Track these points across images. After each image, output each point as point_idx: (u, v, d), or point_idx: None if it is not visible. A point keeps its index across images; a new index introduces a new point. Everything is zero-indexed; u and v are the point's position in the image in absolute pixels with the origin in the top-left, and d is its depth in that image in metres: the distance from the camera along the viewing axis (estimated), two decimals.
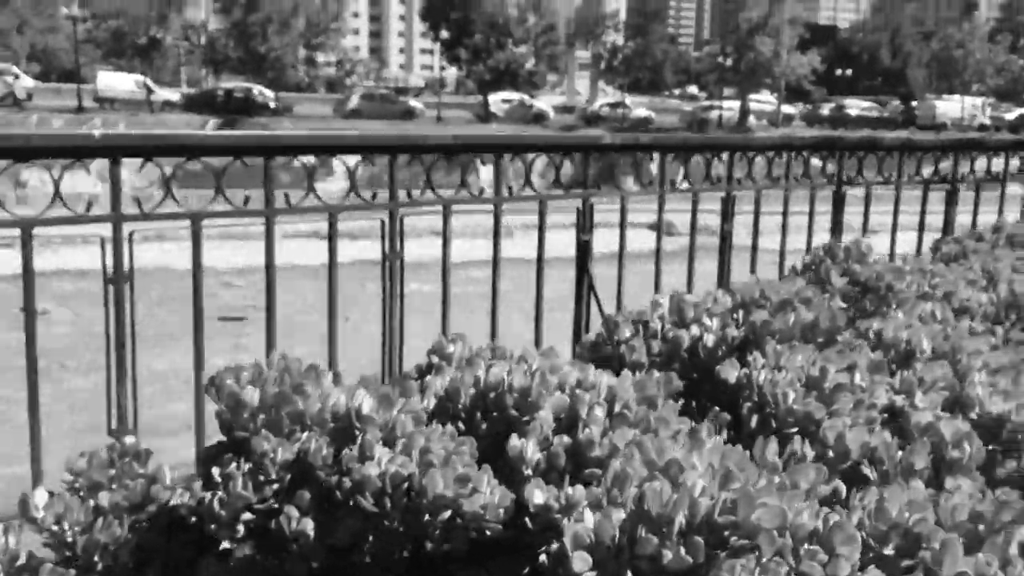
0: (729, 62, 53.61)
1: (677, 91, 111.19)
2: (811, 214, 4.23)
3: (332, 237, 3.10)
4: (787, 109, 59.83)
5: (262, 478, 1.47)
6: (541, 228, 3.43)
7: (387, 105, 52.72)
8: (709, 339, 1.82)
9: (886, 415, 1.70)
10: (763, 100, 59.30)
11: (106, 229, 2.65)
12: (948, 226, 4.63)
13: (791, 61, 51.57)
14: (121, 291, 2.70)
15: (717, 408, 1.76)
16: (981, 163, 4.77)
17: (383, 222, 3.18)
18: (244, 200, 2.87)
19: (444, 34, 50.31)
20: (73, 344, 11.45)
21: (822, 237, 3.17)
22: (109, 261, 2.67)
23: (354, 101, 51.79)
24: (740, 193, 3.94)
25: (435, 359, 1.74)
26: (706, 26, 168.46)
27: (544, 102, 66.08)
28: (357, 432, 1.49)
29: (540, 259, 3.46)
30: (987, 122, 57.51)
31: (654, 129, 54.24)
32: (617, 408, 1.54)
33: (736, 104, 55.44)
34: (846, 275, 2.67)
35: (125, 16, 44.22)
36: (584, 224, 3.49)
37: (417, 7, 52.74)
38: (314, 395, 1.56)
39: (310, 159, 3.39)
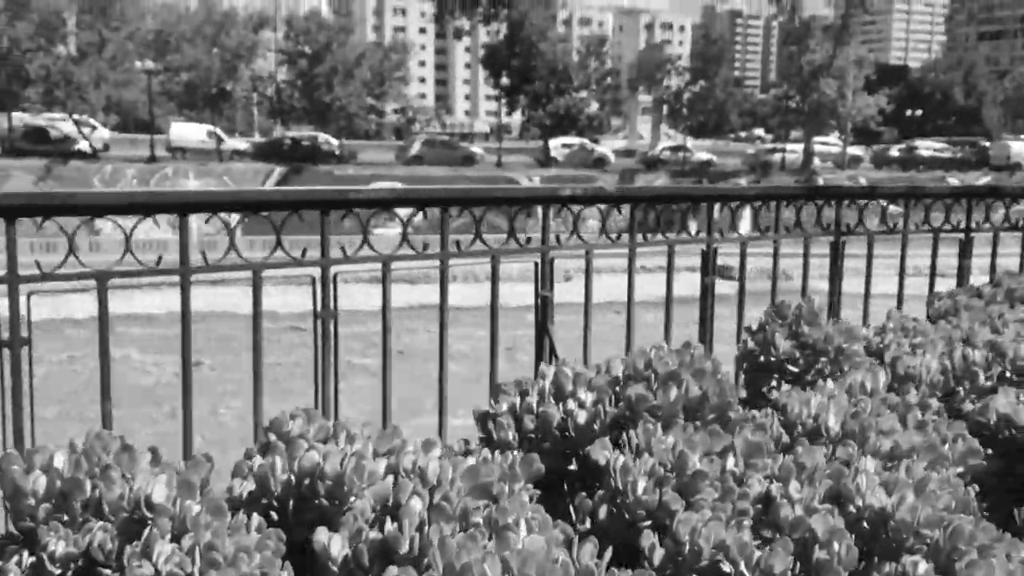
0: (792, 104, 52.94)
1: (743, 134, 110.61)
2: (832, 262, 4.03)
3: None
4: (855, 151, 58.78)
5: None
6: (494, 282, 3.30)
7: (448, 151, 53.36)
8: (580, 416, 1.67)
9: (761, 506, 1.52)
10: (830, 142, 58.38)
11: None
12: (961, 278, 4.35)
13: (857, 102, 50.70)
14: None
15: (584, 494, 1.61)
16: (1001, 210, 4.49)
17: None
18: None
19: (505, 80, 50.82)
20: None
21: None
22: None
23: (416, 147, 52.55)
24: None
25: (272, 436, 1.62)
26: (772, 68, 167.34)
27: (606, 146, 66.26)
28: (148, 523, 1.37)
29: (494, 316, 3.32)
30: None
31: (715, 172, 53.78)
32: (436, 498, 1.39)
33: (800, 147, 54.67)
34: (793, 337, 2.48)
35: (196, 69, 45.75)
36: (543, 280, 3.35)
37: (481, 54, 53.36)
38: (117, 480, 1.45)
39: None
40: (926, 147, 60.58)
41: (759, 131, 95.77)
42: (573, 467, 1.64)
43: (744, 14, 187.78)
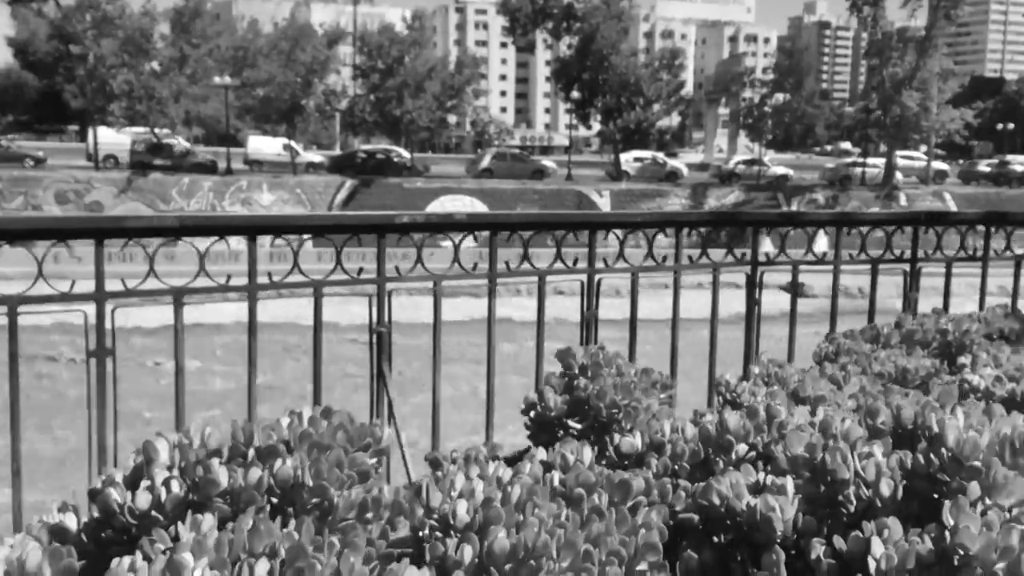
0: (875, 117, 51.26)
1: (829, 147, 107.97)
2: (748, 294, 3.68)
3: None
4: (940, 166, 56.59)
5: None
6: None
7: (518, 164, 53.32)
8: (142, 500, 1.41)
9: None
10: (915, 157, 56.32)
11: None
12: (906, 309, 3.92)
13: (941, 116, 48.76)
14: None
15: None
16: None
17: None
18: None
19: (576, 94, 50.53)
20: None
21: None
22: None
23: (486, 160, 52.67)
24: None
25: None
26: (861, 80, 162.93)
27: (682, 160, 65.31)
28: None
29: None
30: None
31: (791, 187, 52.37)
32: None
33: (883, 161, 52.90)
34: (568, 391, 2.17)
35: (272, 84, 46.75)
36: (379, 315, 3.09)
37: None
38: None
39: None
40: (1019, 162, 57.98)
41: (845, 145, 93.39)
42: None
43: (832, 25, 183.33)
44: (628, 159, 53.60)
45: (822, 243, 4.57)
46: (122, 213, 4.57)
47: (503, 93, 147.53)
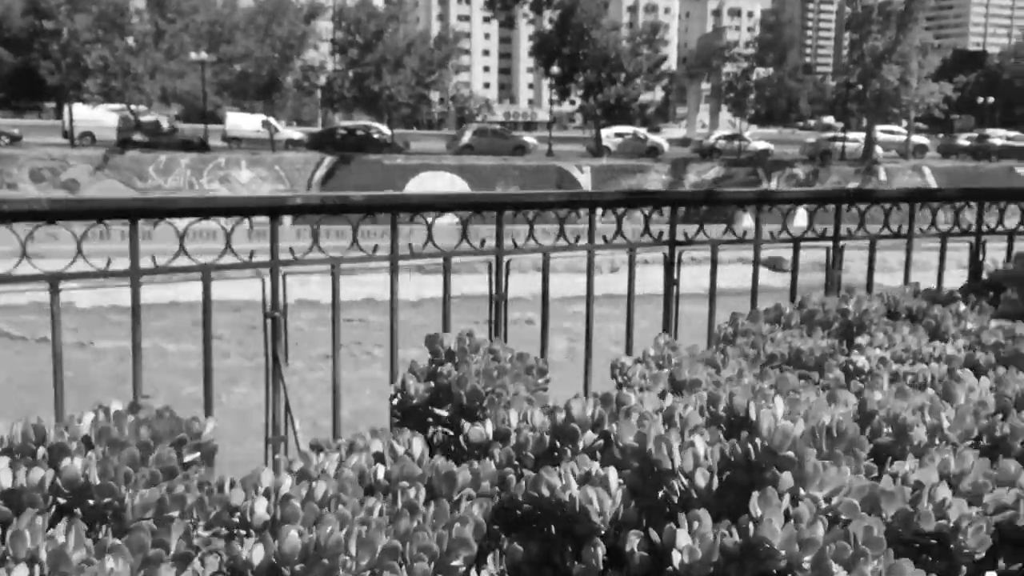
0: (855, 92, 51.25)
1: (812, 122, 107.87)
2: (666, 273, 3.65)
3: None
4: (920, 140, 56.68)
5: None
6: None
7: (499, 140, 53.06)
8: None
9: None
10: (895, 131, 56.37)
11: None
12: (829, 288, 3.91)
13: (920, 90, 48.78)
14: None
15: None
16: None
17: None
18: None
19: (556, 69, 50.24)
20: None
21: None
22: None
23: (466, 137, 52.39)
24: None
25: None
26: (845, 54, 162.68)
27: (664, 135, 65.18)
28: None
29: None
30: None
31: (772, 161, 52.37)
32: None
33: (863, 135, 52.94)
34: (432, 378, 2.13)
35: (249, 59, 46.24)
36: (274, 300, 3.04)
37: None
38: None
39: None
40: (998, 136, 58.13)
41: (828, 119, 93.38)
42: None
43: None
44: (609, 135, 53.42)
45: (801, 218, 4.55)
46: (98, 191, 4.49)
47: (486, 68, 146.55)
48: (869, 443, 1.65)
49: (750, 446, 1.48)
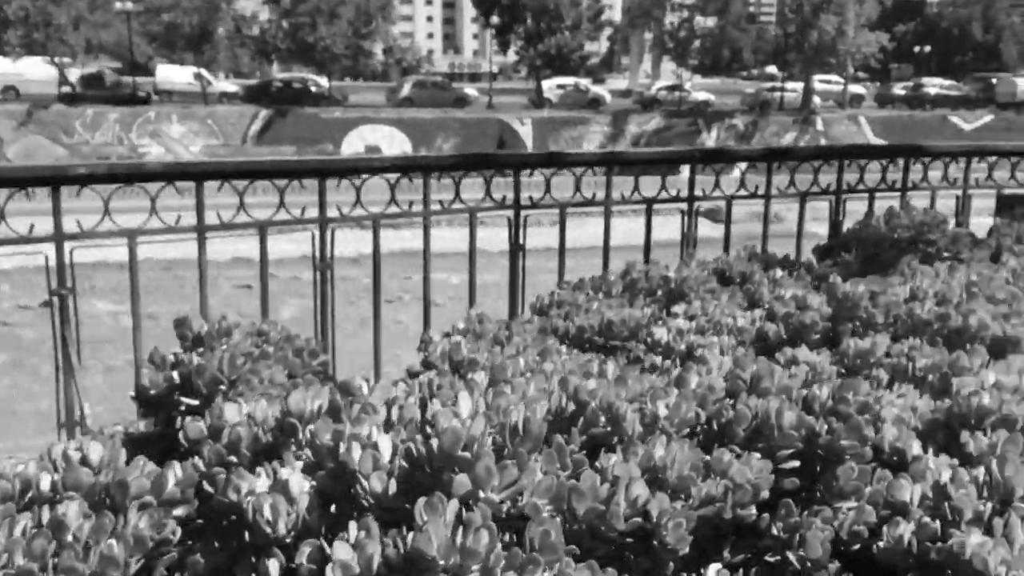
0: (793, 41, 51.43)
1: (756, 72, 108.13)
2: (510, 236, 3.53)
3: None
4: (857, 89, 57.17)
5: None
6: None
7: (439, 92, 52.29)
8: None
9: None
10: (832, 81, 56.77)
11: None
12: (685, 251, 3.83)
13: (857, 39, 49.07)
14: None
15: None
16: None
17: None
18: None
19: (495, 19, 49.50)
20: None
21: None
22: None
23: (406, 89, 51.54)
24: None
25: None
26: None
27: (607, 87, 64.86)
28: None
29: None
30: None
31: (712, 112, 52.43)
32: None
33: (802, 85, 53.21)
34: (176, 366, 1.99)
35: (176, 8, 44.75)
36: (60, 277, 2.86)
37: None
38: None
39: None
40: (933, 85, 58.86)
41: (771, 69, 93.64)
42: None
43: None
44: (551, 86, 52.99)
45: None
46: (22, 148, 4.21)
47: (429, 19, 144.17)
48: (582, 435, 1.56)
49: (430, 446, 1.37)
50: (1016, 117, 52.24)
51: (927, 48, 73.25)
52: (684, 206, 3.88)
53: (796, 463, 1.58)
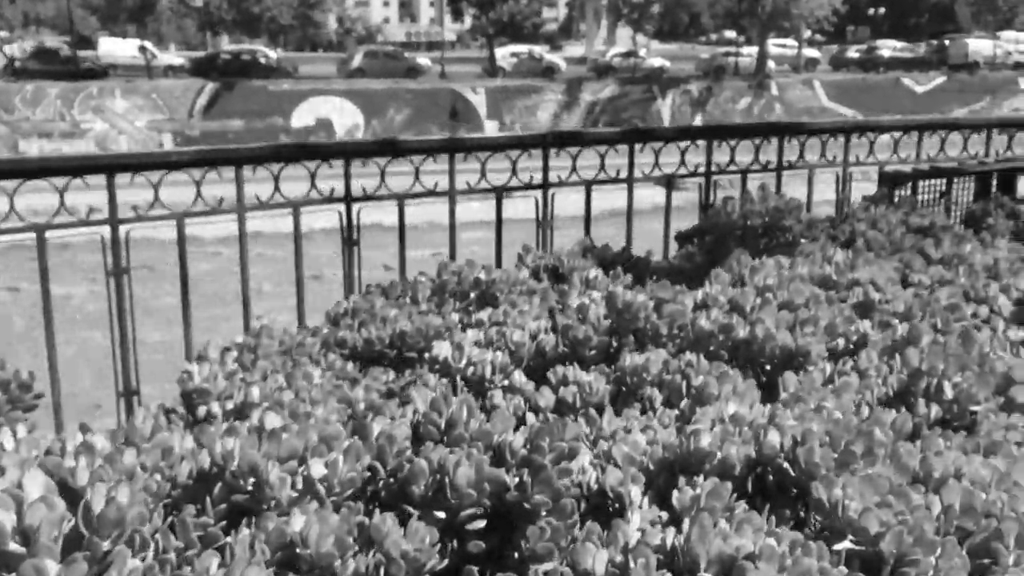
0: (746, 6, 51.24)
1: (714, 36, 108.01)
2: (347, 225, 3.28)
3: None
4: (812, 53, 57.20)
5: None
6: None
7: (391, 62, 51.51)
8: None
9: None
10: (787, 45, 56.75)
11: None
12: (540, 240, 3.62)
13: (810, 3, 48.98)
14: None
15: None
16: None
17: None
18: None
19: None
20: None
21: None
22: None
23: (357, 60, 50.74)
24: None
25: None
26: None
27: (565, 54, 64.27)
28: None
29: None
30: (1022, 59, 54.37)
31: (667, 79, 52.15)
32: None
33: (755, 50, 53.12)
34: None
35: None
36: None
37: None
38: None
39: None
40: (887, 47, 59.05)
41: (731, 34, 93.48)
42: None
43: None
44: (505, 55, 52.41)
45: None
46: None
47: None
48: (221, 502, 1.34)
49: None
50: (968, 78, 52.53)
51: (881, 10, 73.35)
52: (539, 193, 3.65)
53: (481, 524, 1.37)
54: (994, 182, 4.66)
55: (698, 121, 49.64)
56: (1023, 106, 50.97)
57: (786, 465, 1.39)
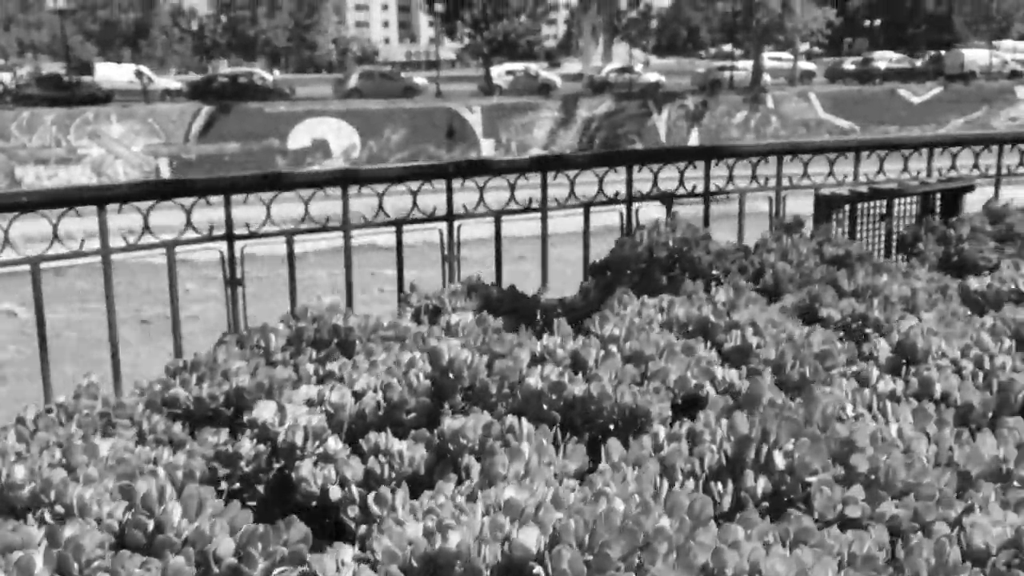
0: (741, 20, 51.26)
1: (713, 50, 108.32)
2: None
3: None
4: (807, 65, 57.16)
5: None
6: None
7: (387, 83, 51.62)
8: None
9: None
10: (783, 57, 56.73)
11: None
12: (446, 275, 3.43)
13: (804, 16, 48.91)
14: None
15: None
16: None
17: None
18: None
19: (439, 7, 48.83)
20: None
21: None
22: None
23: (353, 80, 50.85)
24: None
25: None
26: None
27: (561, 71, 64.37)
28: None
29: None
30: (1019, 68, 54.22)
31: (663, 94, 52.05)
32: None
33: (751, 64, 53.07)
34: None
35: (111, 5, 43.64)
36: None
37: None
38: None
39: None
40: (883, 59, 58.96)
41: (728, 47, 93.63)
42: None
43: None
44: (501, 72, 52.44)
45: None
46: None
47: (384, 7, 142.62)
48: None
49: None
50: (964, 88, 52.34)
51: (876, 22, 73.47)
52: (444, 225, 3.47)
53: None
54: (938, 202, 4.47)
55: (694, 136, 49.54)
56: (1020, 115, 50.76)
57: (538, 572, 1.19)
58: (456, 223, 3.42)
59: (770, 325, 2.32)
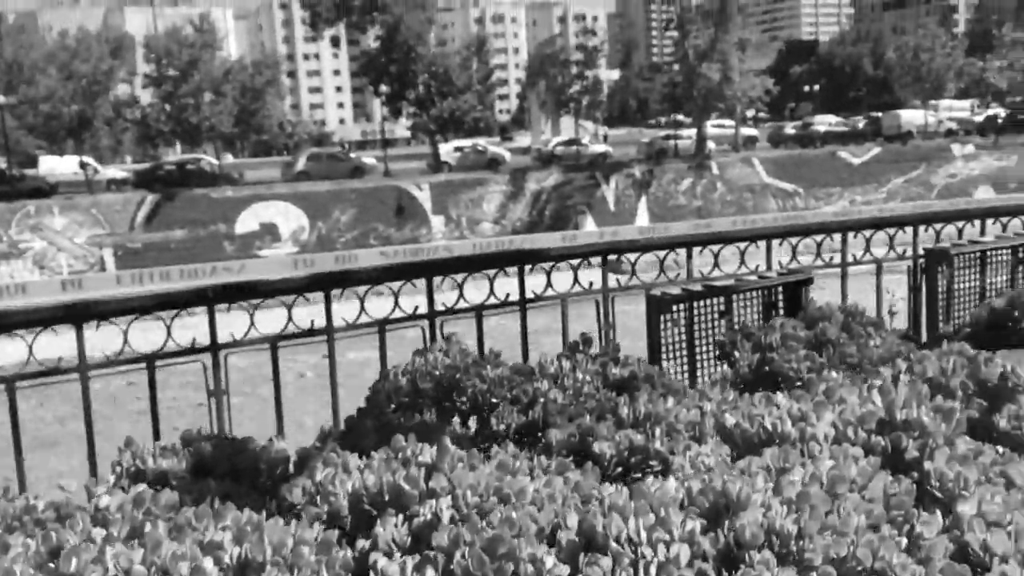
0: (682, 90, 52.34)
1: (664, 119, 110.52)
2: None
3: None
4: (750, 131, 58.30)
5: None
6: None
7: (335, 163, 51.66)
8: None
9: None
10: (726, 124, 57.84)
11: None
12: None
13: (743, 84, 50.02)
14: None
15: None
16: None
17: None
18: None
19: (384, 88, 49.29)
20: None
21: None
22: None
23: (301, 163, 50.81)
24: None
25: None
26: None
27: (511, 145, 65.15)
28: None
29: None
30: (954, 127, 55.68)
31: (610, 164, 52.68)
32: None
33: (695, 132, 54.03)
34: None
35: (53, 99, 43.41)
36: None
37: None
38: None
39: None
40: (822, 122, 60.36)
41: (680, 116, 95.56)
42: None
43: None
44: (449, 149, 52.81)
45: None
46: None
47: (339, 88, 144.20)
48: None
49: None
50: (902, 148, 53.60)
51: (816, 87, 75.56)
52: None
53: None
54: (780, 296, 4.25)
55: (643, 205, 49.97)
56: (958, 172, 51.97)
57: None
58: (223, 352, 3.12)
59: (489, 490, 2.03)
